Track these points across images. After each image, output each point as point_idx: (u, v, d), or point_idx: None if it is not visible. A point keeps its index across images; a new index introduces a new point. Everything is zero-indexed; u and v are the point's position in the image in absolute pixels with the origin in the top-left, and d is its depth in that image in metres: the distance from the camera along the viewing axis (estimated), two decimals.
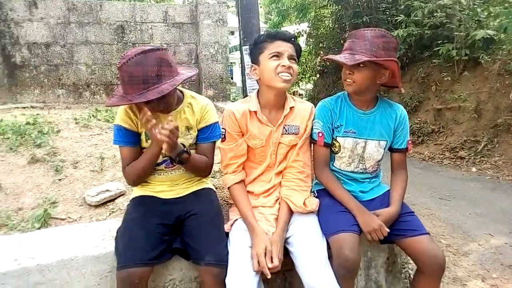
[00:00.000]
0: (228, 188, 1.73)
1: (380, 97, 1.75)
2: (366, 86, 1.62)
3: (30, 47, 6.10)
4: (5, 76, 5.99)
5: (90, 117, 3.81)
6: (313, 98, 11.72)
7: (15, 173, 2.52)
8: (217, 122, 1.77)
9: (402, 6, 7.81)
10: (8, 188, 2.36)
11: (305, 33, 12.46)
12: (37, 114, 4.06)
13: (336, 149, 1.75)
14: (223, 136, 1.72)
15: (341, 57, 1.57)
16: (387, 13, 8.48)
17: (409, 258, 1.79)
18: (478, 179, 4.64)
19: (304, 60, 13.20)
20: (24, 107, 5.38)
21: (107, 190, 2.21)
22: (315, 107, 1.78)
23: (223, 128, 1.72)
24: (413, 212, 1.68)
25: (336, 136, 1.73)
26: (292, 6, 13.00)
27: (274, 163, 1.75)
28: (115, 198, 2.22)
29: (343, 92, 1.77)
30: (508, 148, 5.31)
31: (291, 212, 1.65)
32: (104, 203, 2.18)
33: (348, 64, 1.53)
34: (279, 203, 1.70)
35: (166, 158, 1.71)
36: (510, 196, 3.93)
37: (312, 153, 1.76)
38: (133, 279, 1.38)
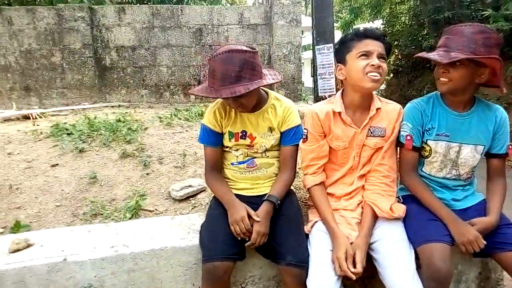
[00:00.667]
0: (308, 189, 1.74)
1: (478, 97, 1.62)
2: (463, 85, 1.52)
3: (118, 50, 6.64)
4: (97, 77, 6.59)
5: (172, 116, 4.06)
6: (386, 98, 11.21)
7: (108, 167, 2.79)
8: (300, 125, 1.79)
9: (488, 2, 7.19)
10: (103, 180, 2.62)
11: (381, 30, 11.96)
12: (126, 113, 4.44)
13: (426, 153, 1.66)
14: (304, 137, 1.73)
15: (435, 55, 1.48)
16: (472, 7, 7.83)
17: (505, 274, 1.66)
18: None
19: None
20: (112, 106, 5.91)
21: (190, 186, 2.35)
22: (402, 108, 1.72)
23: (305, 129, 1.73)
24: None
25: (426, 140, 1.64)
26: (366, 3, 12.56)
27: (357, 166, 1.72)
28: (197, 194, 2.36)
29: (435, 92, 1.68)
30: None
31: (375, 217, 1.61)
32: (186, 198, 2.33)
33: (442, 62, 1.45)
34: (362, 207, 1.67)
35: (248, 157, 1.79)
36: None
37: (398, 157, 1.69)
38: (218, 272, 1.46)
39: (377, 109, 1.67)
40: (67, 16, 6.33)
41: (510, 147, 1.63)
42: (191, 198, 2.33)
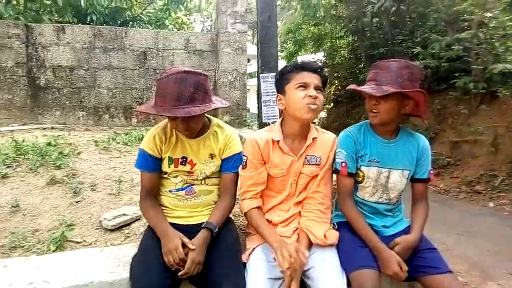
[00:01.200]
0: (245, 213, 1.73)
1: (401, 127, 1.76)
2: (392, 116, 1.63)
3: (55, 70, 6.29)
4: (29, 97, 6.16)
5: (110, 140, 3.89)
6: (327, 127, 11.70)
7: (33, 194, 2.57)
8: (241, 152, 1.80)
9: (419, 39, 7.89)
10: (26, 208, 2.39)
11: (321, 62, 12.59)
12: (58, 136, 4.16)
13: (360, 179, 1.74)
14: (244, 163, 1.73)
15: (368, 88, 1.59)
16: (403, 45, 8.54)
17: None
18: (496, 215, 4.52)
19: None
20: (44, 128, 5.53)
21: (124, 214, 2.22)
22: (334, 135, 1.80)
23: (244, 156, 1.74)
24: (435, 248, 1.64)
25: (360, 166, 1.72)
26: (309, 36, 13.21)
27: (294, 193, 1.75)
28: (131, 223, 2.22)
29: (364, 121, 1.78)
30: None
31: (310, 244, 1.63)
32: (120, 227, 2.18)
33: (376, 95, 1.55)
34: (298, 234, 1.68)
35: (187, 184, 1.73)
36: None
37: (336, 184, 1.75)
38: None
39: (313, 138, 1.73)
40: (0, 33, 5.93)
41: (431, 172, 1.75)
42: (124, 228, 2.19)
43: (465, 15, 6.84)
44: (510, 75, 6.19)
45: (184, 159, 1.72)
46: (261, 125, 6.37)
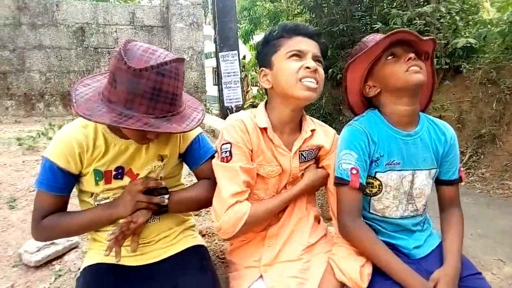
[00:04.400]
0: (245, 222, 1.14)
1: (421, 113, 1.32)
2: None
3: None
4: None
5: (39, 136, 3.17)
6: None
7: None
8: (202, 133, 1.33)
9: (375, 16, 7.75)
10: None
11: None
12: None
13: (375, 190, 1.27)
14: (227, 154, 1.18)
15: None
16: (363, 21, 8.37)
17: None
18: (469, 193, 4.44)
19: None
20: None
21: (53, 244, 1.62)
22: None
23: (225, 143, 1.19)
24: (480, 272, 1.23)
25: (375, 172, 1.25)
26: (264, 14, 12.77)
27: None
28: (64, 254, 1.63)
29: (372, 110, 1.32)
30: (495, 159, 5.21)
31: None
32: (48, 262, 1.58)
33: (426, 39, 1.14)
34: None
35: None
36: (506, 213, 3.74)
37: (337, 199, 1.25)
38: None
39: (312, 130, 1.30)
40: None
41: (462, 169, 1.34)
42: (54, 262, 1.59)
43: None
44: (473, 49, 6.16)
45: (120, 171, 1.19)
46: (223, 109, 5.86)
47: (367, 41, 1.25)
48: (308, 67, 1.16)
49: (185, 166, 1.36)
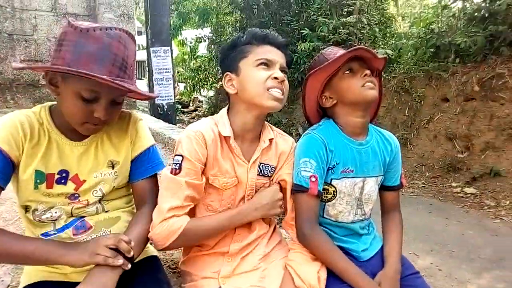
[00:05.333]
0: (179, 236, 1.13)
1: (369, 124, 1.43)
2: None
3: None
4: None
5: None
6: (215, 106, 11.42)
7: None
8: (154, 146, 1.26)
9: (303, 22, 8.05)
10: None
11: (208, 38, 12.13)
12: None
13: (330, 196, 1.34)
14: (177, 166, 1.16)
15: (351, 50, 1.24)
16: (291, 26, 8.64)
17: None
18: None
19: (206, 66, 12.93)
20: None
21: None
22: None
23: (179, 155, 1.18)
24: (418, 271, 1.37)
25: (331, 179, 1.33)
26: (194, 9, 12.52)
27: None
28: None
29: (327, 120, 1.40)
30: (406, 161, 5.71)
31: None
32: None
33: (380, 57, 1.21)
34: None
35: (74, 218, 1.12)
36: (417, 210, 4.13)
37: (296, 207, 1.30)
38: None
39: (270, 139, 1.31)
40: None
41: (403, 175, 1.48)
42: None
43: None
44: (389, 60, 6.74)
45: (64, 175, 1.09)
46: (154, 107, 5.61)
47: (326, 53, 1.31)
48: (276, 77, 1.17)
49: None
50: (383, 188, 1.46)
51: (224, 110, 1.30)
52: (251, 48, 1.21)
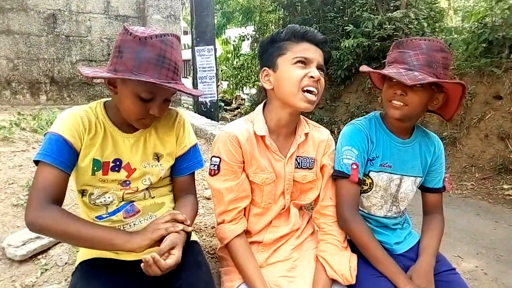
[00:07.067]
0: (226, 244, 1.27)
1: (416, 124, 1.42)
2: (418, 112, 1.29)
3: None
4: None
5: (12, 126, 3.04)
6: (257, 104, 11.44)
7: None
8: (196, 144, 1.35)
9: (347, 18, 7.91)
10: None
11: (251, 37, 12.23)
12: None
13: (366, 187, 1.37)
14: (215, 168, 1.25)
15: (396, 73, 1.20)
16: (335, 22, 8.51)
17: None
18: None
19: (249, 65, 13.04)
20: None
21: (38, 237, 1.61)
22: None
23: (215, 156, 1.26)
24: (454, 268, 1.37)
25: (369, 171, 1.36)
26: (238, 8, 12.68)
27: (288, 206, 1.36)
28: (50, 248, 1.61)
29: (373, 114, 1.42)
30: (455, 161, 5.47)
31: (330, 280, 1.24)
32: (33, 256, 1.56)
33: (407, 83, 1.16)
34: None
35: (124, 202, 1.24)
36: (465, 212, 3.97)
37: (337, 193, 1.35)
38: None
39: (306, 134, 1.34)
40: None
41: (447, 179, 1.46)
42: (40, 256, 1.57)
43: None
44: None
45: (118, 163, 1.20)
46: (197, 104, 5.82)
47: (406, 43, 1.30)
48: (312, 77, 1.19)
49: None
50: (424, 190, 1.47)
51: (260, 107, 1.34)
52: (290, 45, 1.22)
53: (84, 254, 1.23)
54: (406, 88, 1.22)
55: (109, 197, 1.21)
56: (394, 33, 6.78)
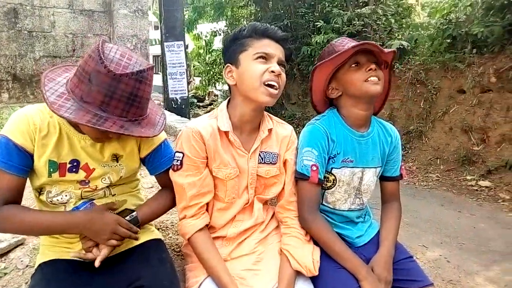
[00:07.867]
0: (188, 239, 1.27)
1: (372, 116, 1.45)
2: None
3: None
4: None
5: None
6: None
7: None
8: (165, 140, 1.34)
9: (318, 13, 7.99)
10: None
11: (223, 32, 12.17)
12: None
13: (329, 184, 1.40)
14: (178, 163, 1.25)
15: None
16: (306, 18, 8.59)
17: None
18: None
19: (221, 60, 12.96)
20: None
21: None
22: None
23: (179, 152, 1.26)
24: (411, 256, 1.42)
25: (331, 168, 1.38)
26: (209, 3, 12.55)
27: (252, 201, 1.37)
28: (9, 251, 1.56)
29: (330, 110, 1.44)
30: (420, 154, 5.66)
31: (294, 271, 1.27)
32: None
33: (386, 51, 1.24)
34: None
35: (83, 200, 1.22)
36: (430, 203, 4.11)
37: (298, 193, 1.37)
38: None
39: (269, 129, 1.36)
40: None
41: (403, 167, 1.51)
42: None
43: None
44: (405, 51, 6.63)
45: (75, 164, 1.18)
46: (167, 101, 5.74)
47: (335, 44, 1.34)
48: (273, 71, 1.21)
49: None
50: (383, 179, 1.51)
51: (224, 103, 1.36)
52: (251, 42, 1.25)
53: (44, 256, 1.21)
54: (378, 64, 1.30)
55: (65, 195, 1.19)
56: (363, 29, 6.91)
